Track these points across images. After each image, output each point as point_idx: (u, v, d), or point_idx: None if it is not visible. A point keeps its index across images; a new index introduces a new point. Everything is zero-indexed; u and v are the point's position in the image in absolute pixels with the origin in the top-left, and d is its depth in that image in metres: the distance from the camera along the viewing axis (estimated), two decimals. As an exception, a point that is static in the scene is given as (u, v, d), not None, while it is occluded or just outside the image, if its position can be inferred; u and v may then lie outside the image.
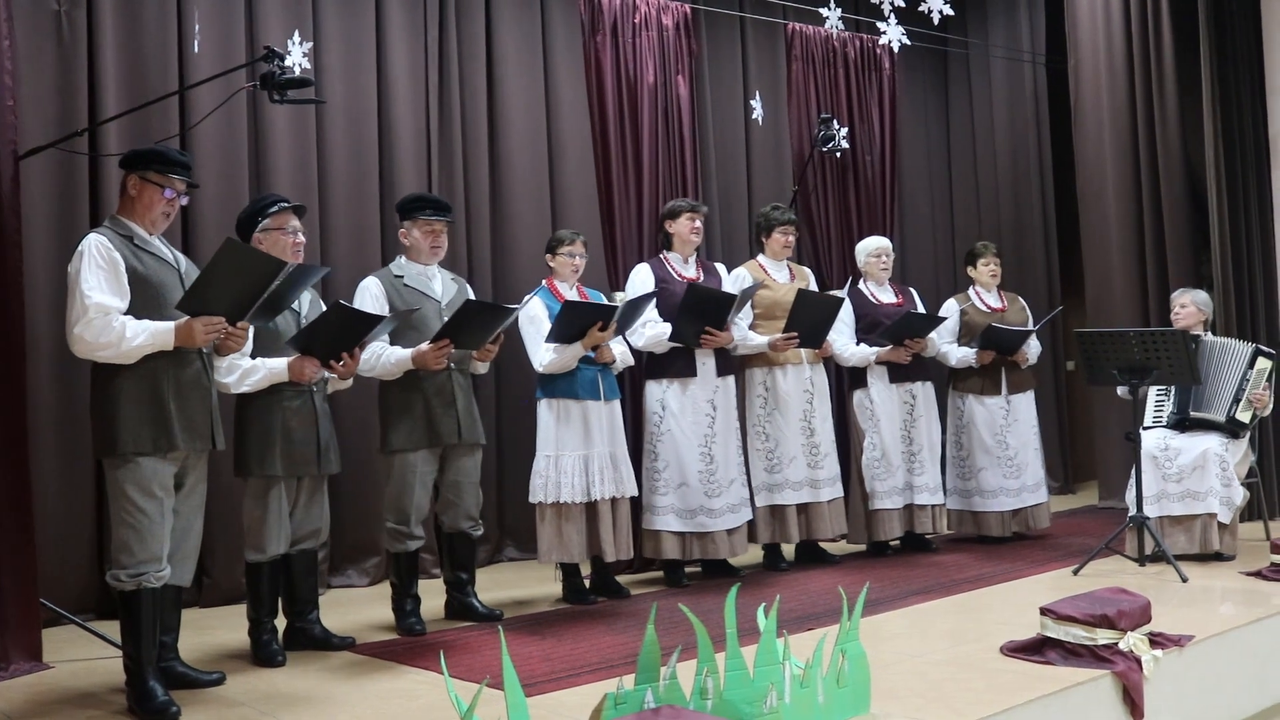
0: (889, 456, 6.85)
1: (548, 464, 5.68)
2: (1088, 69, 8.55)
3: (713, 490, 6.11)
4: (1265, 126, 8.08)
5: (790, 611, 5.26)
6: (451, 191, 7.14)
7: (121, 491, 4.01)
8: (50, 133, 5.49)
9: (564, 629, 5.22)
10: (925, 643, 4.69)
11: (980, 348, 7.13)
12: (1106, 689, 3.98)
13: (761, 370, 6.55)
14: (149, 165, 4.18)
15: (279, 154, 6.51)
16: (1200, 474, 6.21)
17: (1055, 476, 9.72)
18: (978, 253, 7.45)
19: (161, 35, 6.09)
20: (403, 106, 7.02)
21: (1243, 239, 7.88)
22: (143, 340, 3.97)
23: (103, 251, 4.02)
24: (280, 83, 4.96)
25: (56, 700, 4.25)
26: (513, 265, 7.45)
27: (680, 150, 6.92)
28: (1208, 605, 5.21)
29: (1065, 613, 4.21)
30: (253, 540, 4.77)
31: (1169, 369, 6.03)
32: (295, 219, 4.87)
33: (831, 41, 7.76)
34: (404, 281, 5.35)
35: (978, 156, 10.38)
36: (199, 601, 6.01)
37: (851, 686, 3.59)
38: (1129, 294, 8.34)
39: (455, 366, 5.30)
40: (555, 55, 7.76)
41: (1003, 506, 7.19)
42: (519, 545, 7.34)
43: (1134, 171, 8.32)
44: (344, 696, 4.19)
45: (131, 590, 4.01)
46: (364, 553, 6.69)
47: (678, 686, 3.21)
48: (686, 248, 6.31)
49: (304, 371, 4.68)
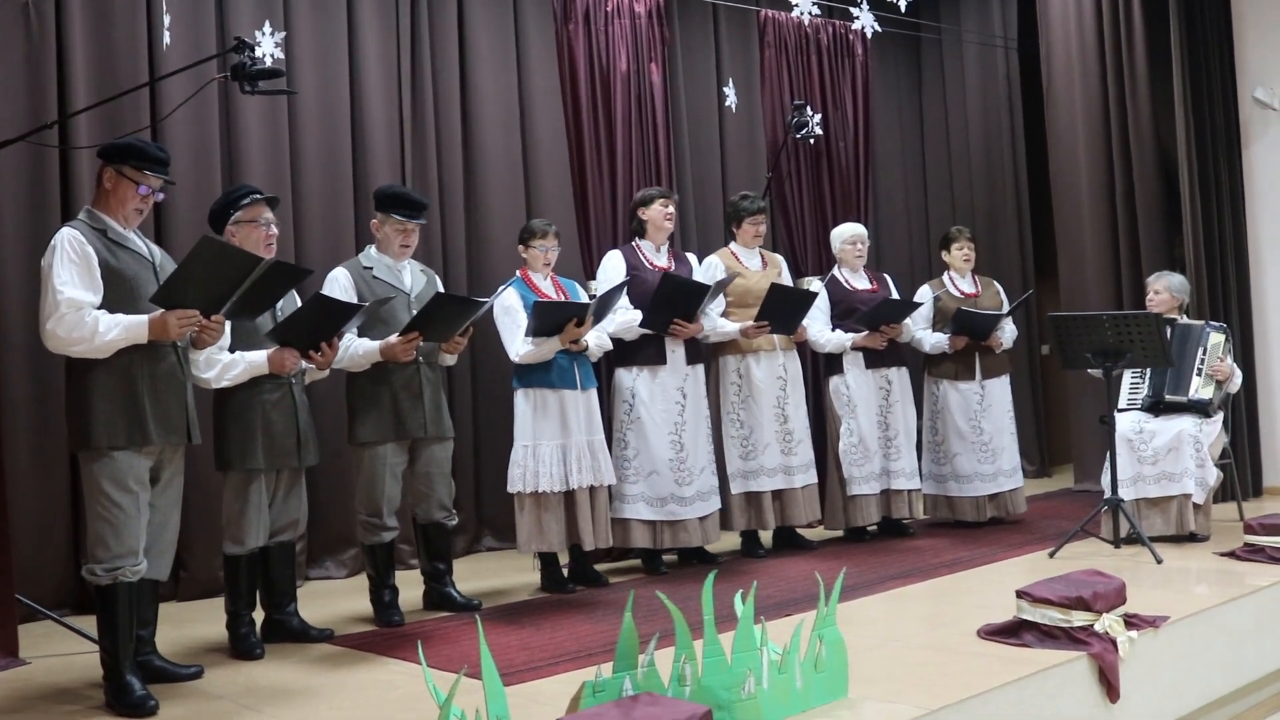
0: (866, 442, 6.86)
1: (525, 454, 5.67)
2: (1059, 53, 8.57)
3: (683, 478, 6.11)
4: (1236, 108, 8.12)
5: (768, 598, 5.27)
6: (425, 182, 7.11)
7: (96, 486, 3.99)
8: (20, 125, 5.44)
9: (542, 618, 5.22)
10: (902, 627, 4.71)
11: (953, 333, 7.15)
12: (1082, 670, 4.01)
13: (735, 358, 6.55)
14: (125, 159, 4.15)
15: (251, 145, 6.47)
16: (1175, 456, 6.25)
17: (1031, 460, 9.77)
18: (951, 237, 7.47)
19: (131, 27, 6.04)
20: (375, 97, 6.99)
21: (1215, 221, 7.92)
22: (116, 334, 3.95)
23: (75, 246, 3.99)
24: (251, 73, 4.91)
25: (33, 696, 4.23)
26: (487, 256, 7.43)
27: (654, 138, 6.92)
28: (1183, 586, 5.25)
29: (1041, 595, 4.23)
30: (232, 533, 4.76)
31: (1142, 352, 6.05)
32: (268, 211, 4.84)
33: (804, 28, 7.76)
34: (373, 273, 5.33)
35: (951, 142, 10.40)
36: (176, 595, 5.99)
37: (829, 672, 3.60)
38: (1102, 277, 8.37)
39: (424, 360, 5.30)
40: (527, 44, 7.74)
41: (978, 491, 7.21)
42: (497, 535, 7.34)
43: (1106, 155, 8.34)
44: (323, 688, 4.19)
45: (107, 584, 3.99)
46: (342, 544, 6.67)
47: (656, 674, 3.22)
48: (659, 235, 6.31)
49: (284, 363, 4.67)
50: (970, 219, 9.79)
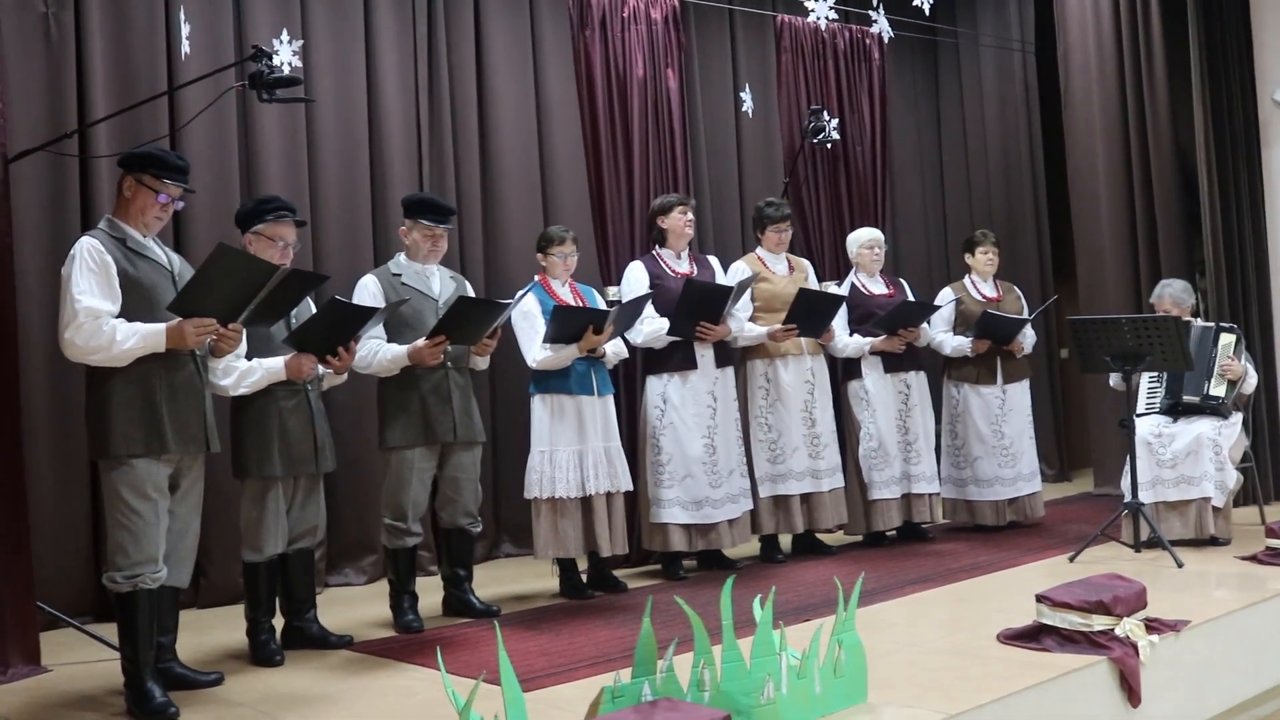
0: (885, 446, 6.85)
1: (542, 459, 5.68)
2: (1077, 56, 8.54)
3: (715, 481, 6.14)
4: (1255, 109, 8.08)
5: (787, 603, 5.27)
6: (443, 189, 7.13)
7: (116, 494, 4.01)
8: (39, 135, 5.48)
9: (561, 624, 5.23)
10: (922, 632, 4.70)
11: (976, 336, 7.13)
12: (1103, 675, 3.99)
13: (763, 362, 6.56)
14: (145, 168, 4.16)
15: (269, 153, 6.50)
16: (1194, 459, 6.23)
17: (1050, 464, 9.74)
18: (976, 241, 7.46)
19: (150, 35, 6.07)
20: (393, 104, 7.02)
21: (1234, 222, 7.89)
22: (134, 343, 3.97)
23: (94, 255, 4.01)
24: (269, 82, 4.95)
25: (55, 704, 4.25)
26: (505, 262, 7.44)
27: (670, 144, 6.92)
28: (1203, 590, 5.22)
29: (1061, 599, 4.22)
30: (250, 540, 4.77)
31: (1161, 355, 6.03)
32: (292, 232, 4.87)
33: (821, 33, 7.76)
34: (401, 280, 5.37)
35: (968, 146, 10.38)
36: (196, 602, 6.01)
37: (848, 676, 3.60)
38: (1121, 280, 8.34)
39: (452, 365, 5.31)
40: (544, 51, 7.75)
41: (998, 495, 7.19)
42: (516, 541, 7.34)
43: (1125, 157, 8.31)
44: (342, 695, 4.19)
45: (128, 592, 4.01)
46: (361, 551, 6.68)
47: (675, 679, 3.22)
48: (680, 242, 6.32)
49: (302, 368, 4.68)
50: (988, 223, 9.75)
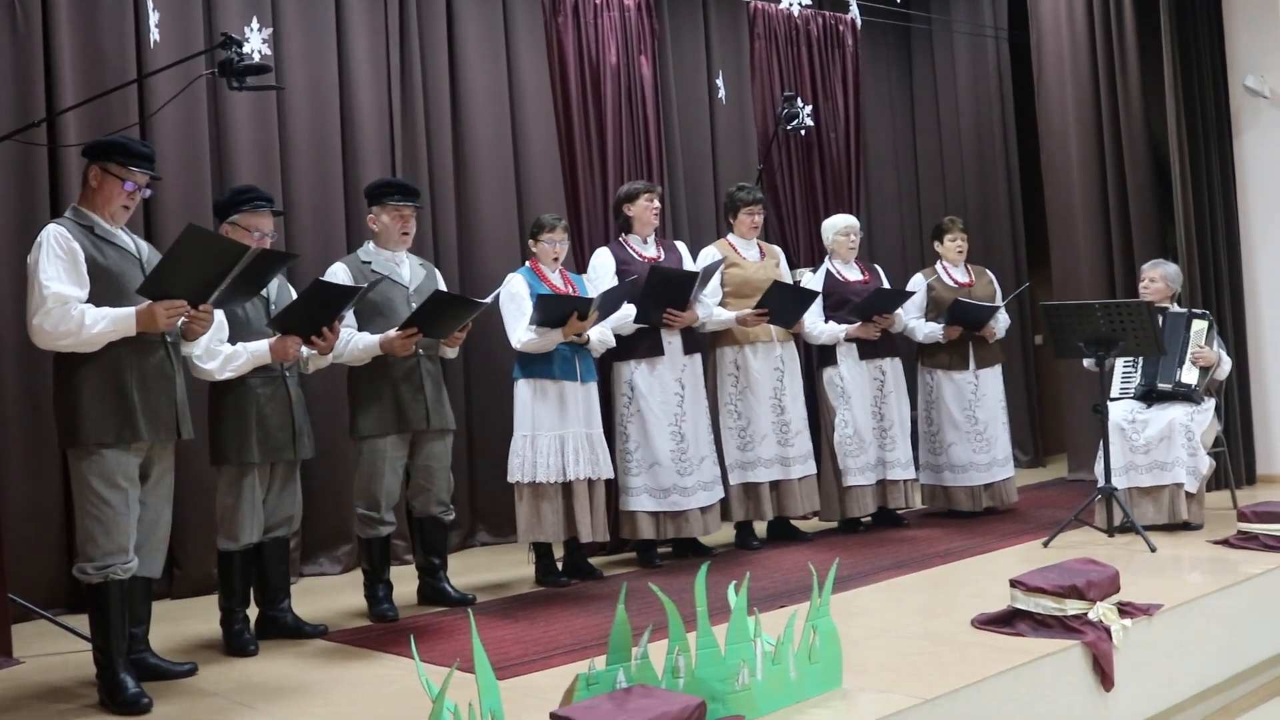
0: (861, 433, 6.85)
1: (524, 443, 5.68)
2: (1050, 42, 8.57)
3: (684, 469, 6.12)
4: (1227, 97, 8.12)
5: (762, 589, 5.28)
6: (416, 177, 7.08)
7: (86, 483, 3.98)
8: (7, 124, 5.44)
9: (537, 611, 5.22)
10: (897, 617, 4.71)
11: (948, 323, 7.14)
12: (1077, 659, 4.01)
13: (732, 349, 6.56)
14: (110, 156, 4.13)
15: (240, 141, 6.45)
16: (1167, 444, 6.26)
17: (1025, 450, 9.78)
18: (944, 228, 7.47)
19: (118, 23, 6.02)
20: (364, 92, 6.98)
21: (1206, 209, 7.92)
22: (103, 327, 3.94)
23: (61, 241, 3.98)
24: (239, 69, 4.91)
25: (27, 695, 4.22)
26: (480, 251, 7.42)
27: (644, 131, 6.90)
28: (1176, 574, 5.25)
29: (1035, 584, 4.23)
30: (226, 529, 4.75)
31: (1134, 340, 6.05)
32: (269, 223, 4.85)
33: (794, 19, 7.75)
34: (371, 267, 5.34)
35: (942, 132, 10.41)
36: (169, 593, 5.97)
37: (823, 662, 3.60)
38: (1094, 266, 8.37)
39: (424, 353, 5.30)
40: (517, 38, 7.72)
41: (973, 481, 7.22)
42: (491, 530, 7.33)
43: (1097, 144, 8.34)
44: (317, 684, 4.18)
45: (99, 583, 3.98)
46: (336, 540, 6.66)
47: (649, 666, 3.22)
48: (646, 229, 6.31)
49: (287, 350, 4.67)
50: (962, 209, 9.79)
